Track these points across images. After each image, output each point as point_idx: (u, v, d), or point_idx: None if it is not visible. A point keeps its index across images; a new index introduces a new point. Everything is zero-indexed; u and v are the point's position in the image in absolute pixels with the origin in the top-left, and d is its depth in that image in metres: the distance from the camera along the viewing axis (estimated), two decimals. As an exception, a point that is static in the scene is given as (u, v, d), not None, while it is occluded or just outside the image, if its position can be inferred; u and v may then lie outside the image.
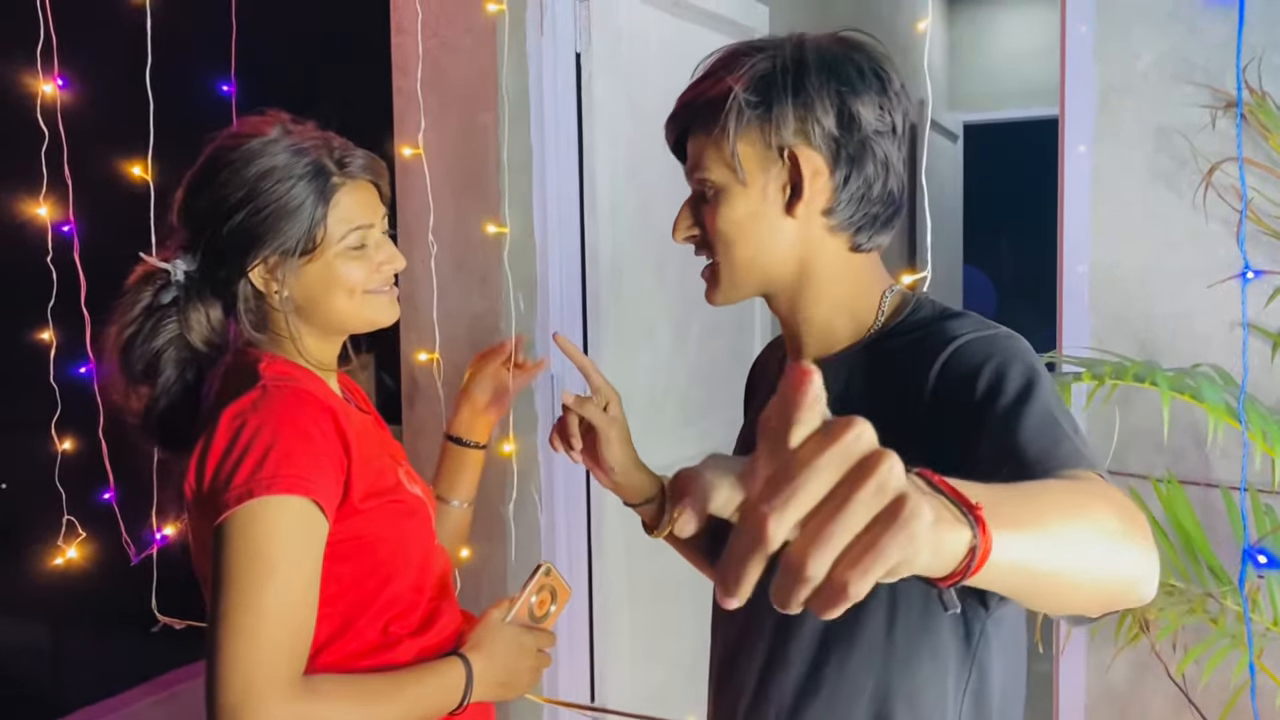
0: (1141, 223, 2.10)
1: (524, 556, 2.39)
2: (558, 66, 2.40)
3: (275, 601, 1.11)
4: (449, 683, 1.26)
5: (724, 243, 1.11)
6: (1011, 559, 0.66)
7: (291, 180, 1.25)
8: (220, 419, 1.18)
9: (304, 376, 1.27)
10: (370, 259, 1.31)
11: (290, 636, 1.12)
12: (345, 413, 1.26)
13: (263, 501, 1.12)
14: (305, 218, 1.25)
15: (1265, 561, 1.54)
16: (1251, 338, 1.99)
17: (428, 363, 2.36)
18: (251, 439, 1.15)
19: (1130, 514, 0.78)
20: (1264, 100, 1.96)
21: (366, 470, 1.24)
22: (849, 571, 0.50)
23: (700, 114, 1.10)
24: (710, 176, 1.10)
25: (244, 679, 1.08)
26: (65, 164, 2.22)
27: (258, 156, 1.26)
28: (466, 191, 2.38)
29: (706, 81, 1.11)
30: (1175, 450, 2.01)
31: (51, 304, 2.25)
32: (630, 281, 2.60)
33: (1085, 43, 2.12)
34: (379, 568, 1.27)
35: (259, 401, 1.19)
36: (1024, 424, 0.91)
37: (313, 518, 1.16)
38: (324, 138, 1.30)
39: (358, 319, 1.32)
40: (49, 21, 2.20)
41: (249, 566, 1.12)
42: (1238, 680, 1.63)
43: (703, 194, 1.12)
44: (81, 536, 2.34)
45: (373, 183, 1.33)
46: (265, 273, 1.28)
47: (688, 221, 1.15)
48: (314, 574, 1.17)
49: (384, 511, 1.26)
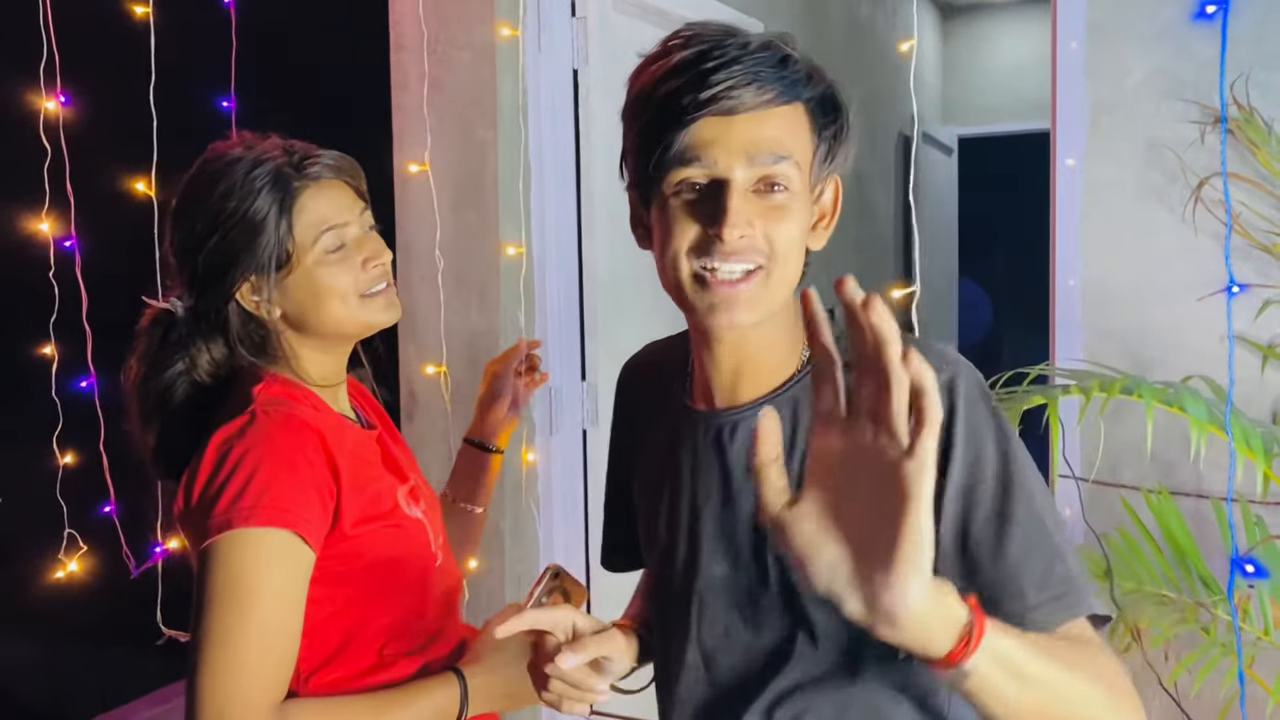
0: (1132, 237, 2.12)
1: (521, 568, 2.40)
2: (555, 83, 2.42)
3: (254, 631, 1.11)
4: (440, 701, 1.24)
5: (784, 254, 0.96)
6: (1002, 658, 0.73)
7: (252, 194, 1.23)
8: (209, 444, 1.18)
9: (299, 398, 1.26)
10: (353, 259, 1.27)
11: (270, 663, 1.12)
12: (339, 434, 1.24)
13: (242, 533, 1.12)
14: (271, 229, 1.23)
15: (1253, 571, 1.56)
16: (1243, 350, 2.01)
17: (435, 376, 2.37)
18: (235, 467, 1.14)
19: (1123, 692, 0.84)
20: (1252, 116, 1.99)
21: (359, 495, 1.23)
22: None
23: (817, 98, 0.98)
24: (791, 174, 0.95)
25: (220, 705, 1.08)
26: (68, 180, 2.24)
27: (219, 179, 1.24)
28: (464, 207, 2.41)
29: (808, 63, 0.98)
30: (1167, 462, 2.03)
31: (54, 318, 2.27)
32: (627, 297, 2.63)
33: (1076, 59, 2.15)
34: (373, 592, 1.25)
35: (246, 428, 1.18)
36: (1011, 544, 0.89)
37: (294, 548, 1.15)
38: (284, 146, 1.28)
39: (355, 324, 1.29)
40: (52, 40, 2.22)
41: (229, 595, 1.11)
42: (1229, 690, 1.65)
43: (771, 190, 0.95)
44: (83, 550, 2.35)
45: (343, 181, 1.30)
46: (250, 293, 1.26)
47: (744, 215, 0.94)
48: (297, 602, 1.16)
49: (378, 536, 1.25)
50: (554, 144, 2.42)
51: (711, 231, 0.94)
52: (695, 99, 0.93)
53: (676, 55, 0.96)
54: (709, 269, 0.95)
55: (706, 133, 0.93)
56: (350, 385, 1.41)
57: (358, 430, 1.33)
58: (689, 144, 0.94)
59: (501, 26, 2.36)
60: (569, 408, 2.48)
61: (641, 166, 0.99)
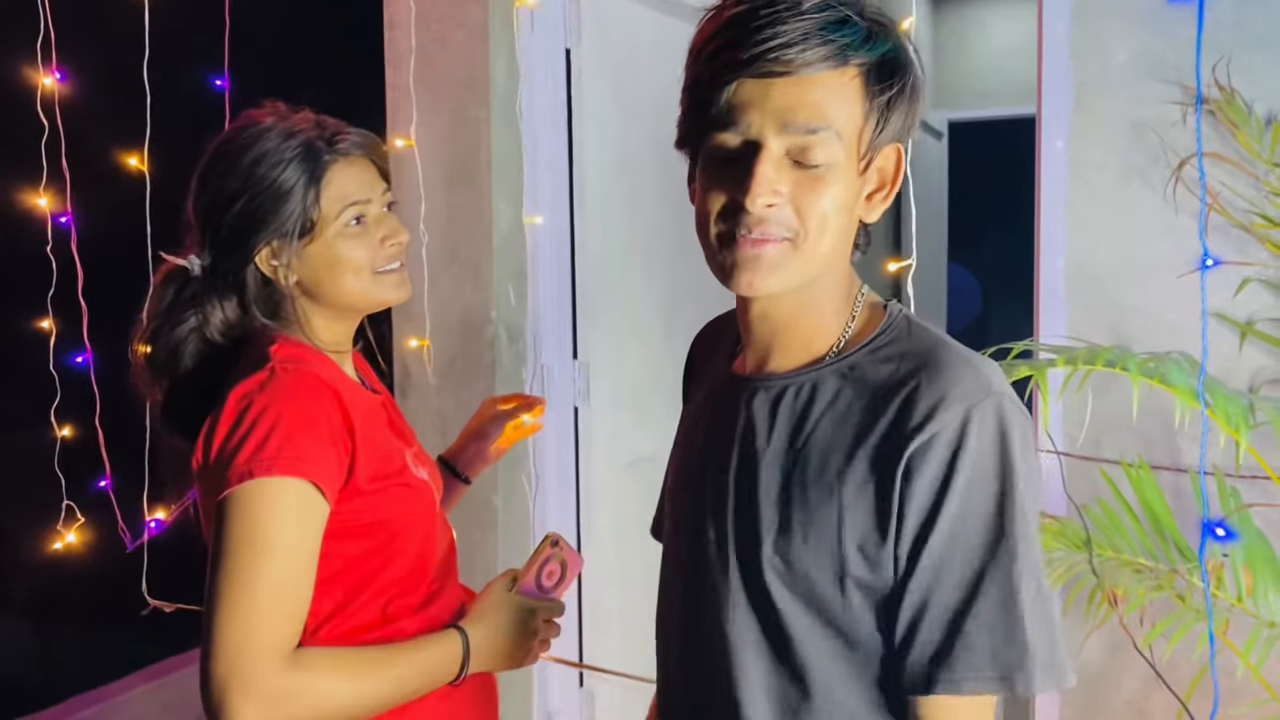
0: (1116, 216, 2.16)
1: (514, 543, 2.43)
2: (548, 62, 2.44)
3: (271, 578, 1.13)
4: (445, 655, 1.28)
5: (818, 228, 0.92)
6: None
7: (283, 164, 1.28)
8: (228, 398, 1.21)
9: (314, 359, 1.29)
10: (371, 235, 1.33)
11: (284, 612, 1.15)
12: (353, 395, 1.28)
13: (263, 482, 1.15)
14: (299, 199, 1.28)
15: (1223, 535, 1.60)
16: (1221, 327, 2.05)
17: (418, 349, 2.40)
18: (256, 419, 1.18)
19: None
20: (1232, 97, 2.02)
21: (372, 453, 1.26)
22: None
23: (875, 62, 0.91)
24: (830, 146, 0.91)
25: (234, 651, 1.10)
26: (63, 156, 2.25)
27: (251, 145, 1.29)
28: (458, 184, 2.43)
29: (873, 22, 0.92)
30: (1146, 435, 2.07)
31: (51, 293, 2.29)
32: (619, 274, 2.65)
33: (1062, 41, 2.18)
34: (381, 548, 1.29)
35: (266, 383, 1.21)
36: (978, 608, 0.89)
37: (311, 499, 1.18)
38: (316, 120, 1.33)
39: (366, 298, 1.34)
40: (48, 16, 2.23)
41: (247, 544, 1.14)
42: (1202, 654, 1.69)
43: (801, 159, 0.91)
44: (80, 522, 2.37)
45: (370, 159, 1.35)
46: (270, 258, 1.31)
47: (772, 184, 0.90)
48: (311, 554, 1.19)
49: (388, 494, 1.28)
50: (547, 122, 2.45)
51: (739, 199, 0.91)
52: (735, 58, 0.89)
53: (729, 11, 0.92)
54: (734, 231, 0.93)
55: (744, 95, 0.90)
56: (354, 357, 1.44)
57: (367, 394, 1.37)
58: (726, 106, 0.91)
59: (495, 5, 2.38)
60: (560, 385, 2.51)
61: (685, 126, 0.97)
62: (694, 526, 1.06)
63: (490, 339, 2.43)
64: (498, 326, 2.44)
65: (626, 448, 2.67)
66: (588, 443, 2.58)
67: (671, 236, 2.72)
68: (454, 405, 2.45)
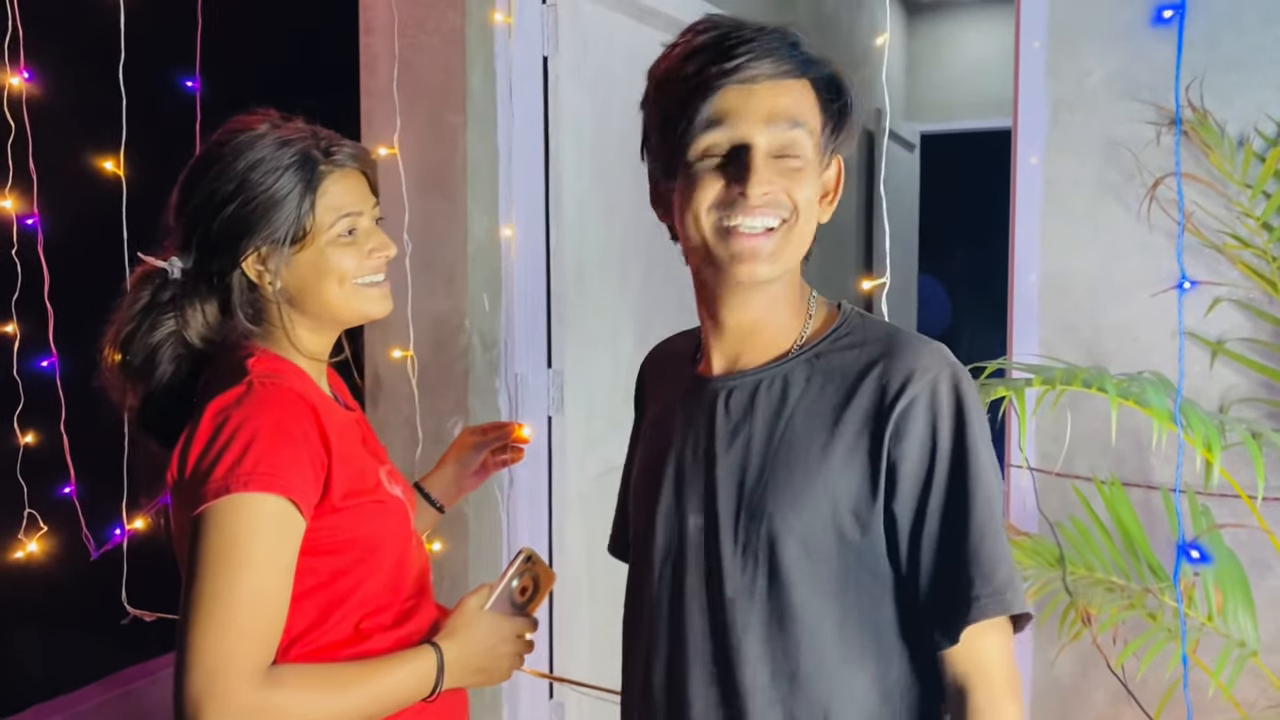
0: (1090, 233, 2.17)
1: (485, 555, 2.41)
2: (525, 70, 2.43)
3: (246, 594, 1.13)
4: (419, 672, 1.27)
5: (805, 210, 1.07)
6: None
7: (279, 171, 1.27)
8: (205, 411, 1.20)
9: (292, 373, 1.29)
10: (361, 246, 1.33)
11: (259, 629, 1.14)
12: (329, 411, 1.28)
13: (239, 498, 1.14)
14: (293, 206, 1.28)
15: (1198, 556, 1.61)
16: (1192, 346, 2.07)
17: (401, 360, 2.38)
18: (233, 434, 1.17)
19: None
20: (1206, 118, 2.04)
21: (347, 469, 1.26)
22: None
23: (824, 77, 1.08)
24: (805, 142, 1.06)
25: (209, 667, 1.10)
26: (30, 157, 2.21)
27: (246, 150, 1.28)
28: (433, 192, 2.41)
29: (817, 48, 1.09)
30: (1119, 454, 2.08)
31: (15, 297, 2.24)
32: (594, 282, 2.64)
33: (1038, 59, 2.19)
34: (355, 565, 1.28)
35: (244, 397, 1.21)
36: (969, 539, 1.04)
37: (288, 515, 1.18)
38: (311, 130, 1.33)
39: (348, 309, 1.34)
40: (15, 14, 2.19)
41: (223, 559, 1.13)
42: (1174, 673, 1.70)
43: (788, 156, 1.06)
44: (43, 530, 2.33)
45: (361, 171, 1.36)
46: (258, 263, 1.30)
47: (767, 174, 1.04)
48: (287, 570, 1.19)
49: (363, 511, 1.28)
50: (523, 130, 2.43)
51: (736, 189, 1.04)
52: (720, 68, 1.03)
53: (698, 38, 1.06)
54: (732, 225, 1.05)
55: (729, 101, 1.04)
56: (329, 373, 1.44)
57: (342, 411, 1.36)
58: (713, 111, 1.04)
59: (473, 12, 2.36)
60: (534, 395, 2.50)
61: (667, 141, 1.08)
62: (677, 521, 1.14)
63: (464, 347, 2.41)
64: (471, 335, 2.42)
65: (600, 457, 2.66)
66: (561, 452, 2.57)
67: (647, 245, 2.72)
68: (426, 414, 2.43)
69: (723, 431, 1.12)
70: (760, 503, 1.08)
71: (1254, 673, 1.86)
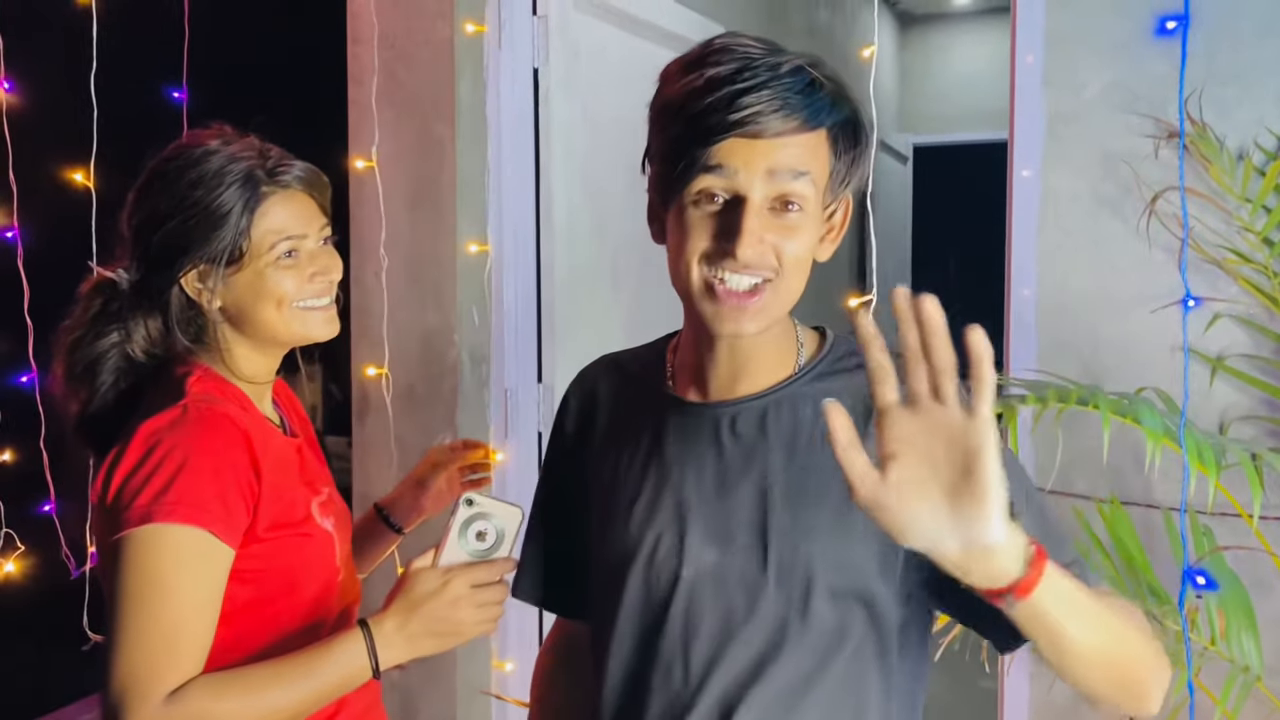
0: (1087, 248, 2.14)
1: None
2: (515, 81, 2.40)
3: (164, 624, 1.13)
4: (345, 653, 1.18)
5: (792, 268, 1.02)
6: (1062, 594, 0.84)
7: (221, 189, 1.26)
8: (137, 433, 1.20)
9: (229, 397, 1.28)
10: (303, 269, 1.31)
11: (176, 657, 1.13)
12: (264, 437, 1.26)
13: (162, 528, 1.14)
14: (231, 226, 1.27)
15: (1204, 583, 1.58)
16: (1193, 362, 2.04)
17: (376, 377, 2.34)
18: (161, 460, 1.17)
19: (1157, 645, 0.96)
20: (1205, 131, 2.02)
21: (276, 500, 1.25)
22: None
23: (840, 124, 1.02)
24: (806, 193, 1.01)
25: (119, 692, 1.10)
26: (10, 169, 2.18)
27: (191, 167, 1.28)
28: (421, 205, 2.38)
29: (834, 87, 1.02)
30: (1118, 472, 2.05)
31: (-7, 311, 2.20)
32: (585, 297, 2.61)
33: (1034, 71, 2.16)
34: (273, 598, 1.27)
35: (178, 422, 1.20)
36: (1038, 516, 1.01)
37: (211, 547, 1.17)
38: (260, 149, 1.31)
39: (287, 331, 1.32)
40: (-5, 25, 2.15)
41: (143, 587, 1.14)
42: (1176, 698, 1.67)
43: (785, 206, 1.01)
44: (20, 550, 2.28)
45: (309, 194, 1.34)
46: (196, 281, 1.30)
47: (757, 234, 0.99)
48: (210, 599, 1.18)
49: (286, 543, 1.27)
50: (513, 143, 2.40)
51: (725, 246, 1.00)
52: (724, 120, 0.97)
53: (710, 70, 0.99)
54: (719, 279, 1.01)
55: (731, 150, 0.98)
56: (278, 387, 1.43)
57: (280, 436, 1.34)
58: (713, 159, 0.99)
59: (462, 24, 2.33)
60: (525, 411, 2.46)
61: (665, 174, 1.03)
62: (696, 558, 1.07)
63: (452, 363, 2.38)
64: (460, 350, 2.39)
65: (590, 475, 2.62)
66: (551, 469, 2.53)
67: (639, 258, 2.68)
68: (413, 431, 2.39)
69: (734, 457, 1.07)
70: (799, 526, 1.03)
71: (1258, 697, 1.83)
